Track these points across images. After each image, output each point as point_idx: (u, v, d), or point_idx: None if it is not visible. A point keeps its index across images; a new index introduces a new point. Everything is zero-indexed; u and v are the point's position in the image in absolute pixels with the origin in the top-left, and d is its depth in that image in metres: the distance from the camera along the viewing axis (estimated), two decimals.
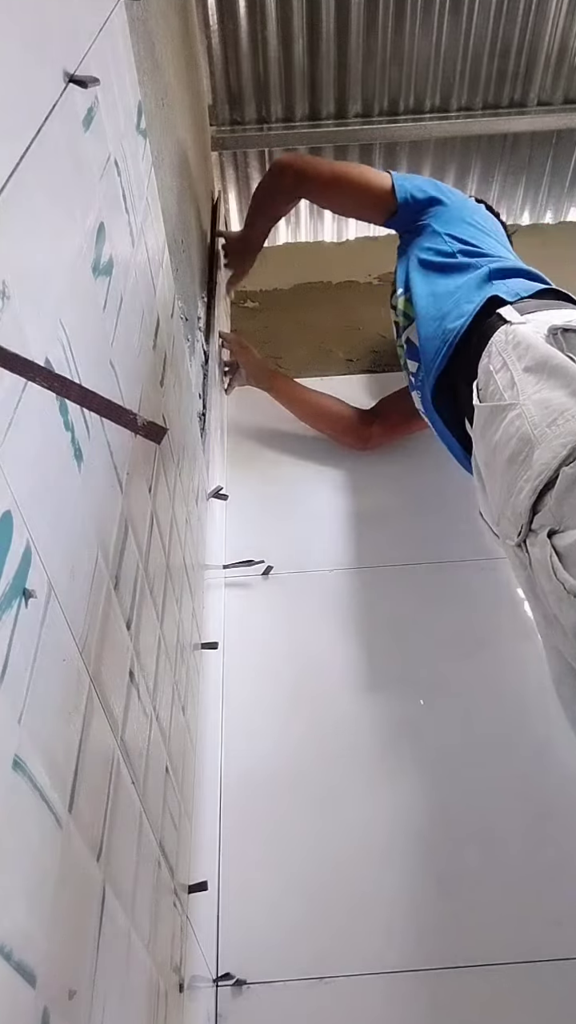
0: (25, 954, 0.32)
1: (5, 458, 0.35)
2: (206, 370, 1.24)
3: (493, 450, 0.82)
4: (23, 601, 0.36)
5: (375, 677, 1.08)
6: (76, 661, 0.44)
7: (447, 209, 1.23)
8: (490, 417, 0.84)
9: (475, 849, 0.90)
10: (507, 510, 0.78)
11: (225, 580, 1.21)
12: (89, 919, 0.42)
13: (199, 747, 0.88)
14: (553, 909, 0.85)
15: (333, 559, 1.24)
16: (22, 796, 0.34)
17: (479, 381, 0.92)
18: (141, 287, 0.71)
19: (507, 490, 0.78)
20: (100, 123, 0.58)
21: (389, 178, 1.25)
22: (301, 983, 0.81)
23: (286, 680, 1.08)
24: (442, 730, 1.02)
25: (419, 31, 1.73)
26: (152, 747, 0.62)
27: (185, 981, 0.67)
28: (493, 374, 0.88)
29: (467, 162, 1.99)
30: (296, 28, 1.70)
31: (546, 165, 2.02)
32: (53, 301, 0.44)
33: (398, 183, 1.24)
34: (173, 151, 1.08)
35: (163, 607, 0.72)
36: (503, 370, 0.87)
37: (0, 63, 0.38)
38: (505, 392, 0.83)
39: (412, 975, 0.81)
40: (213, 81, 1.79)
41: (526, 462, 0.76)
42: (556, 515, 0.73)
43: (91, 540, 0.49)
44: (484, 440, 0.85)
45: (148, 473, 0.70)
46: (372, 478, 1.40)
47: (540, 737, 0.99)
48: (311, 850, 0.91)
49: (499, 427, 0.82)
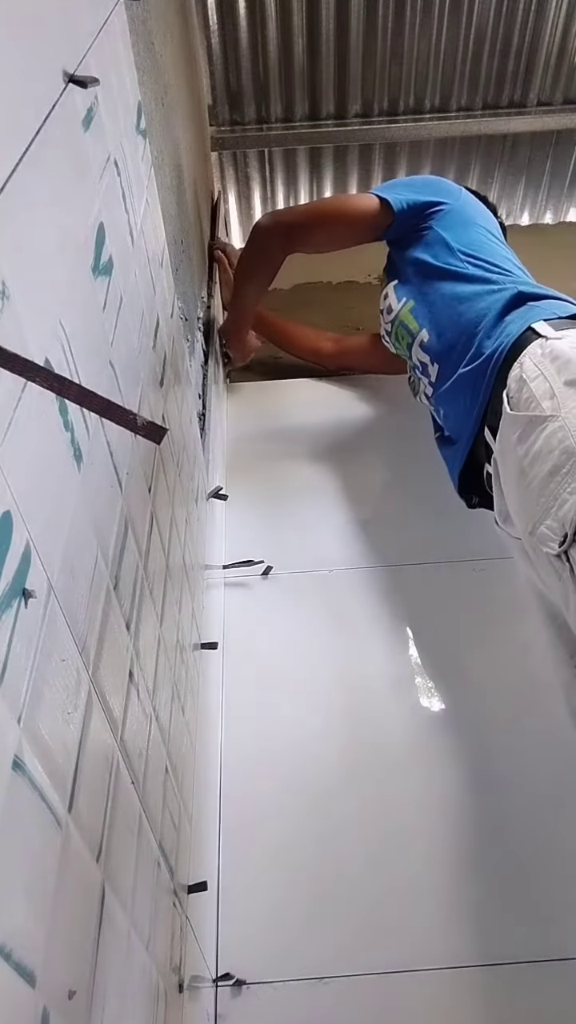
0: (25, 954, 0.32)
1: (5, 458, 0.35)
2: (206, 370, 1.24)
3: (532, 459, 0.82)
4: (23, 601, 0.36)
5: (375, 677, 1.08)
6: (76, 661, 0.44)
7: (451, 212, 1.21)
8: (528, 427, 0.84)
9: (476, 849, 0.90)
10: (547, 519, 0.79)
11: (225, 580, 1.21)
12: (89, 919, 0.42)
13: (199, 747, 0.88)
14: (553, 908, 0.85)
15: (333, 559, 1.24)
16: (22, 796, 0.34)
17: (509, 390, 0.91)
18: (141, 287, 0.71)
19: (551, 500, 0.79)
20: (100, 123, 0.58)
21: (371, 197, 1.23)
22: (301, 983, 0.81)
23: (286, 680, 1.08)
24: (441, 730, 1.02)
25: (419, 31, 1.73)
26: (152, 747, 0.62)
27: (185, 981, 0.67)
28: (527, 382, 0.88)
29: (467, 162, 2.00)
30: (296, 28, 1.71)
31: (546, 165, 2.02)
32: (53, 301, 0.44)
33: (387, 196, 1.21)
34: (173, 151, 1.08)
35: (163, 607, 0.72)
36: (539, 379, 0.87)
37: (0, 63, 0.38)
38: (543, 402, 0.84)
39: (412, 975, 0.81)
40: (213, 81, 1.79)
41: (570, 474, 0.78)
42: None
43: (91, 540, 0.49)
44: (518, 448, 0.85)
45: (148, 473, 0.70)
46: (372, 478, 1.40)
47: (539, 736, 0.99)
48: (311, 850, 0.91)
49: (538, 438, 0.82)
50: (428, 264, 1.17)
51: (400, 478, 1.38)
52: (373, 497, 1.36)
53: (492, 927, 0.84)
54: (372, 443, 1.47)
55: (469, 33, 1.75)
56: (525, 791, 0.95)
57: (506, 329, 1.00)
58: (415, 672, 1.09)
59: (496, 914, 0.85)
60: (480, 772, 0.97)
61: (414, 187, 1.25)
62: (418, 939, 0.83)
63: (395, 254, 1.28)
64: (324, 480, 1.39)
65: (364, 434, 1.49)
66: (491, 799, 0.94)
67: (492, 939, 0.83)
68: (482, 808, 0.94)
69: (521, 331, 0.97)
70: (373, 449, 1.46)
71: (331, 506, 1.34)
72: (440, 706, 1.05)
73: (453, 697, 1.05)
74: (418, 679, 1.08)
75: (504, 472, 0.91)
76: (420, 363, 1.17)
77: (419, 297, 1.18)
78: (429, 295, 1.16)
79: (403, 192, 1.23)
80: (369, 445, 1.47)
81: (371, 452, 1.45)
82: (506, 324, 1.01)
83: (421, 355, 1.16)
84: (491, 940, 0.83)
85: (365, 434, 1.49)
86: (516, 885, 0.87)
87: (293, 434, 1.49)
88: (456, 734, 1.01)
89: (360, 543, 1.27)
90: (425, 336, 1.15)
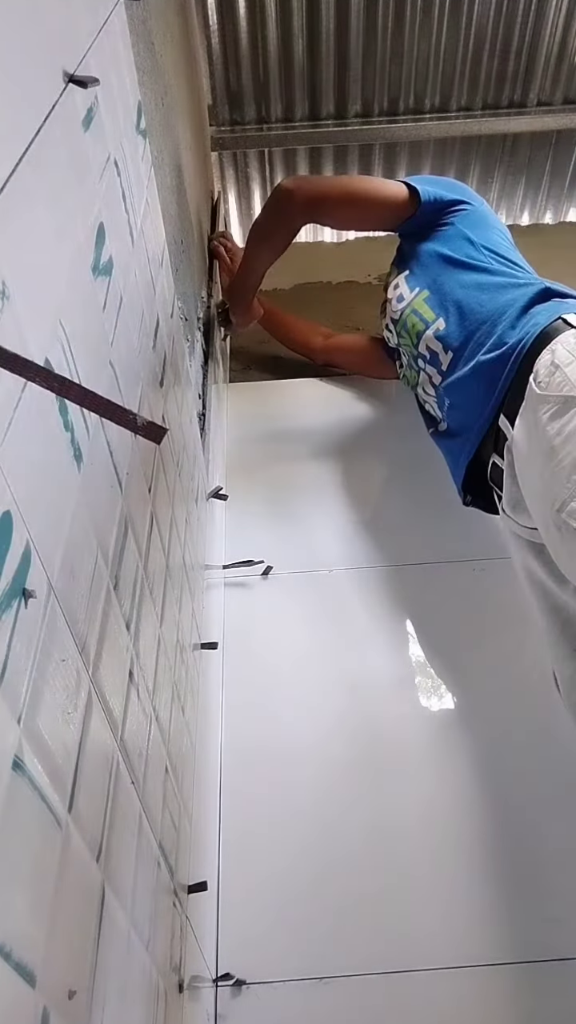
0: (25, 954, 0.32)
1: (5, 458, 0.35)
2: (206, 370, 1.24)
3: (566, 439, 0.84)
4: (23, 601, 0.36)
5: (375, 677, 1.08)
6: (76, 661, 0.44)
7: (473, 213, 1.21)
8: (564, 406, 0.86)
9: (477, 848, 0.90)
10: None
11: (225, 580, 1.21)
12: (89, 919, 0.42)
13: (199, 747, 0.88)
14: (555, 908, 0.85)
15: (333, 559, 1.24)
16: (22, 796, 0.34)
17: (538, 375, 0.92)
18: (141, 287, 0.71)
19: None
20: (100, 123, 0.58)
21: (400, 184, 1.24)
22: (301, 983, 0.81)
23: (286, 680, 1.08)
24: (442, 730, 1.02)
25: (419, 31, 1.73)
26: (152, 747, 0.62)
27: (185, 981, 0.67)
28: (561, 367, 0.89)
29: (467, 162, 2.00)
30: (296, 28, 1.70)
31: (546, 165, 2.02)
32: (53, 301, 0.45)
33: (418, 185, 1.22)
34: (173, 151, 1.08)
35: (163, 607, 0.72)
36: (573, 364, 0.88)
37: (0, 63, 0.38)
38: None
39: (412, 975, 0.81)
40: (213, 81, 1.79)
41: None
42: None
43: (91, 540, 0.49)
44: (549, 427, 0.87)
45: (148, 473, 0.70)
46: (372, 478, 1.40)
47: (539, 735, 0.99)
48: (311, 850, 0.91)
49: (572, 418, 0.84)
50: (449, 256, 1.17)
51: (400, 478, 1.38)
52: (373, 497, 1.36)
53: (493, 927, 0.84)
54: (372, 443, 1.47)
55: (469, 33, 1.75)
56: (525, 791, 0.95)
57: (532, 319, 1.01)
58: (415, 672, 1.09)
59: (497, 914, 0.85)
60: (480, 771, 0.97)
61: (441, 184, 1.26)
62: (418, 939, 0.83)
63: (408, 246, 1.28)
64: (324, 480, 1.39)
65: (364, 434, 1.49)
66: (491, 799, 0.94)
67: (493, 939, 0.83)
68: (482, 808, 0.94)
69: (551, 321, 0.98)
70: (373, 449, 1.46)
71: (331, 506, 1.34)
72: (440, 706, 1.05)
73: (453, 697, 1.05)
74: (418, 679, 1.08)
75: (528, 453, 0.91)
76: (430, 352, 1.17)
77: (435, 287, 1.18)
78: (447, 285, 1.16)
79: (431, 186, 1.24)
80: (369, 445, 1.47)
81: (371, 452, 1.45)
82: (532, 315, 1.02)
83: (434, 344, 1.16)
84: (492, 940, 0.83)
85: (365, 434, 1.49)
86: (517, 885, 0.87)
87: (293, 434, 1.49)
88: (456, 733, 1.01)
89: (360, 543, 1.27)
90: (441, 325, 1.14)
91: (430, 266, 1.20)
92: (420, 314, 1.19)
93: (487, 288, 1.10)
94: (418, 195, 1.21)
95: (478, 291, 1.11)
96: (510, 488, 0.96)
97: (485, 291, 1.10)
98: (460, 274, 1.15)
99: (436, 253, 1.20)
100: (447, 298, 1.15)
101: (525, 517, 0.93)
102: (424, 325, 1.18)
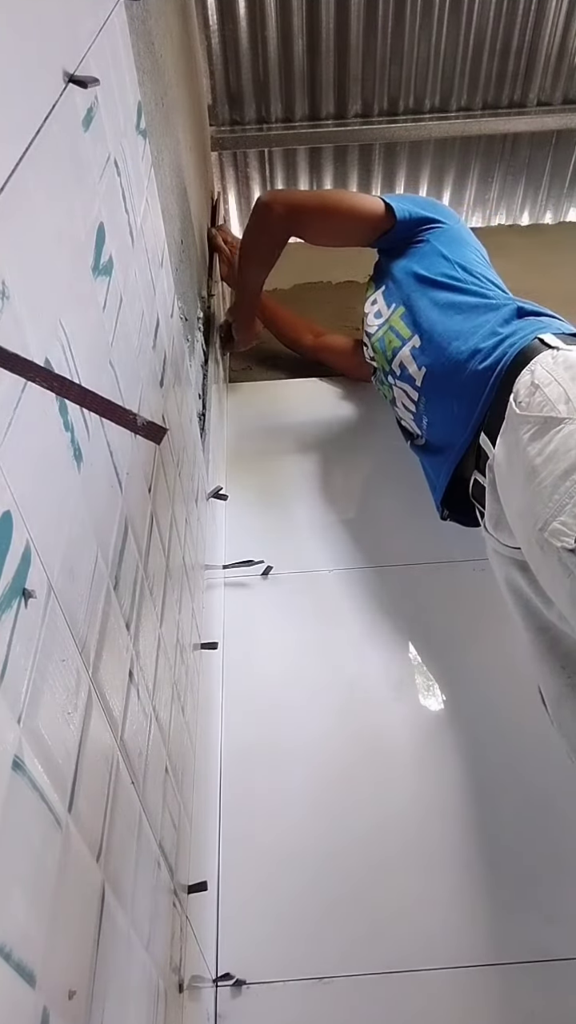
0: (25, 954, 0.32)
1: (5, 458, 0.35)
2: (206, 370, 1.24)
3: (547, 459, 0.84)
4: (23, 601, 0.36)
5: (375, 676, 1.08)
6: (76, 661, 0.44)
7: (449, 231, 1.23)
8: (543, 427, 0.86)
9: (476, 849, 0.90)
10: (562, 515, 0.80)
11: (224, 580, 1.21)
12: (89, 919, 0.42)
13: (199, 747, 0.88)
14: (554, 908, 0.85)
15: (333, 559, 1.24)
16: (22, 796, 0.34)
17: (517, 395, 0.92)
18: (141, 287, 0.71)
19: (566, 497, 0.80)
20: (100, 123, 0.58)
21: (377, 199, 1.25)
22: (301, 983, 0.81)
23: (286, 680, 1.08)
24: (442, 730, 1.02)
25: (419, 31, 1.73)
26: (152, 747, 0.62)
27: (185, 981, 0.67)
28: (541, 387, 0.89)
29: (467, 162, 2.00)
30: (296, 28, 1.70)
31: (546, 165, 2.02)
32: (53, 301, 0.45)
33: (393, 203, 1.24)
34: (173, 151, 1.08)
35: (163, 607, 0.72)
36: (553, 385, 0.88)
37: (0, 63, 0.38)
38: (559, 406, 0.85)
39: (412, 975, 0.81)
40: (213, 81, 1.79)
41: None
42: None
43: (91, 540, 0.49)
44: (530, 448, 0.86)
45: (148, 473, 0.70)
46: (371, 478, 1.40)
47: (538, 735, 0.99)
48: (311, 850, 0.91)
49: (553, 438, 0.84)
50: (423, 275, 1.18)
51: (400, 478, 1.38)
52: (373, 497, 1.36)
53: (493, 927, 0.84)
54: (372, 443, 1.47)
55: (469, 33, 1.75)
56: (525, 791, 0.95)
57: (509, 339, 1.01)
58: (415, 672, 1.09)
59: (496, 914, 0.85)
60: (479, 772, 0.97)
61: (417, 203, 1.27)
62: (418, 939, 0.84)
63: (385, 262, 1.30)
64: (324, 480, 1.39)
65: (364, 434, 1.49)
66: (491, 799, 0.94)
67: (493, 939, 0.83)
68: (482, 808, 0.94)
69: (528, 341, 0.98)
70: (373, 449, 1.46)
71: (331, 506, 1.34)
72: (440, 706, 1.05)
73: (453, 697, 1.05)
74: (418, 679, 1.08)
75: (509, 472, 0.91)
76: (403, 370, 1.17)
77: (409, 304, 1.19)
78: (421, 302, 1.16)
79: (407, 204, 1.26)
80: (369, 445, 1.47)
81: (371, 452, 1.45)
82: (508, 335, 1.02)
83: (408, 361, 1.16)
84: (492, 940, 0.83)
85: (365, 434, 1.49)
86: (517, 885, 0.87)
87: (293, 434, 1.49)
88: (456, 734, 1.01)
89: (360, 543, 1.27)
90: (417, 342, 1.15)
91: (404, 283, 1.22)
92: (396, 331, 1.21)
93: (461, 308, 1.11)
94: (394, 211, 1.23)
95: (453, 311, 1.12)
96: (492, 506, 0.96)
97: (460, 311, 1.11)
98: (434, 292, 1.16)
99: (410, 271, 1.21)
100: (420, 316, 1.16)
101: (507, 535, 0.93)
102: (400, 342, 1.19)
